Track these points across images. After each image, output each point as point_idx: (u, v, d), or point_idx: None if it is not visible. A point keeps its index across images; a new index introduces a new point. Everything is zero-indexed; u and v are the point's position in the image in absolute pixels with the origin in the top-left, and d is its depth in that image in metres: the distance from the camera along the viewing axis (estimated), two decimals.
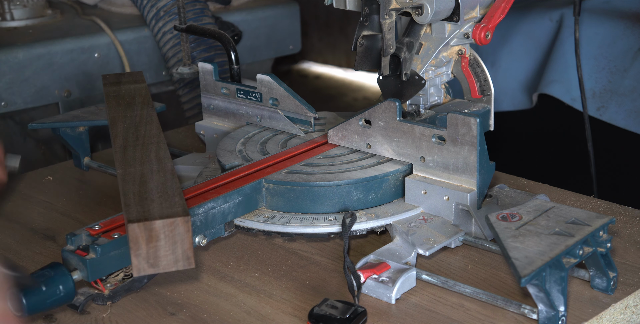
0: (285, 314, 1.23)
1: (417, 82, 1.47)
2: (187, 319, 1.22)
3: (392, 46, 1.44)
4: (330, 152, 1.49)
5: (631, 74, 2.23)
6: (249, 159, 1.49)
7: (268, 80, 1.60)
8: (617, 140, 2.30)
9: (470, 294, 1.24)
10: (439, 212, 1.37)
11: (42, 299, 1.13)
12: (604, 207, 1.49)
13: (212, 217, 1.32)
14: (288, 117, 1.60)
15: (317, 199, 1.38)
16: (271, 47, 2.98)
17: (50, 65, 2.48)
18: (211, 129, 1.70)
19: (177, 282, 1.32)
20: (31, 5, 2.74)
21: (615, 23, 2.27)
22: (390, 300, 1.24)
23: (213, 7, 2.83)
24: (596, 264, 1.22)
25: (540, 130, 2.51)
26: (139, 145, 1.43)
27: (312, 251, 1.40)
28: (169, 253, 1.16)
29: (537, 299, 1.15)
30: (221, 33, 1.80)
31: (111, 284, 1.25)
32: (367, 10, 1.45)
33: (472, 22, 1.47)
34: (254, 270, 1.35)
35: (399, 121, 1.40)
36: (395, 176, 1.41)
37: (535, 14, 2.44)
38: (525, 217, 1.23)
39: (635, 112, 2.23)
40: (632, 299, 1.24)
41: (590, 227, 1.19)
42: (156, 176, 1.30)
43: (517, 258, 1.12)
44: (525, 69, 2.48)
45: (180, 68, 2.00)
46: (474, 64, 1.52)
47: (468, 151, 1.33)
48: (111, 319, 1.23)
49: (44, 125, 1.70)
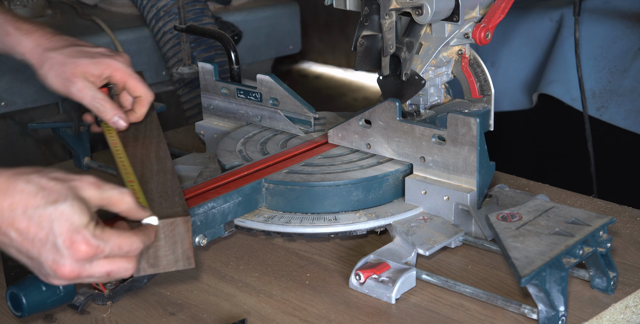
0: (285, 314, 1.23)
1: (417, 82, 1.47)
2: (187, 319, 1.22)
3: (392, 46, 1.44)
4: (330, 152, 1.49)
5: (631, 74, 2.23)
6: (249, 159, 1.49)
7: (268, 80, 1.60)
8: (617, 140, 2.30)
9: (470, 294, 1.24)
10: (439, 212, 1.37)
11: (42, 299, 1.13)
12: (604, 207, 1.49)
13: (212, 217, 1.32)
14: (288, 117, 1.60)
15: (317, 199, 1.38)
16: (271, 47, 2.98)
17: None
18: (211, 129, 1.70)
19: (177, 282, 1.32)
20: (31, 5, 2.74)
21: (615, 23, 2.27)
22: (390, 300, 1.24)
23: (213, 7, 2.83)
24: (596, 264, 1.22)
25: (540, 130, 2.51)
26: (139, 145, 1.43)
27: (312, 251, 1.40)
28: (169, 252, 1.16)
29: (537, 299, 1.15)
30: (221, 33, 1.80)
31: (111, 284, 1.25)
32: (367, 10, 1.45)
33: (472, 22, 1.47)
34: (254, 270, 1.35)
35: (399, 121, 1.40)
36: (395, 176, 1.41)
37: (535, 14, 2.44)
38: (525, 217, 1.23)
39: (635, 112, 2.23)
40: (632, 299, 1.24)
41: (590, 227, 1.19)
42: (156, 176, 1.30)
43: (517, 258, 1.12)
44: (525, 69, 2.48)
45: (180, 68, 2.00)
46: (474, 64, 1.52)
47: (468, 151, 1.33)
48: (111, 319, 1.23)
49: (44, 125, 1.70)
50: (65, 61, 1.41)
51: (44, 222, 1.00)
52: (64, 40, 1.45)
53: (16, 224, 1.00)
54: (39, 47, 1.43)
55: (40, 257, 1.01)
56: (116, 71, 1.43)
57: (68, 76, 1.41)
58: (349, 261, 1.36)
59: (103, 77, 1.44)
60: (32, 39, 1.44)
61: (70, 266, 1.01)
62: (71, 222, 1.01)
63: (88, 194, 1.05)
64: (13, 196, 1.00)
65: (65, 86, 1.42)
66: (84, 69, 1.41)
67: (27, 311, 1.12)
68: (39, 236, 1.00)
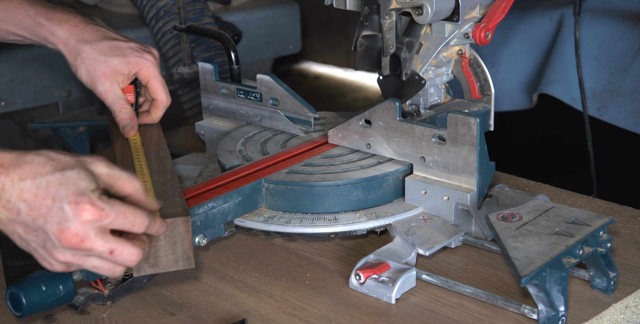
0: (285, 314, 1.23)
1: (417, 82, 1.47)
2: (187, 319, 1.22)
3: (392, 46, 1.44)
4: (330, 152, 1.49)
5: (631, 74, 2.23)
6: (249, 159, 1.49)
7: (268, 80, 1.60)
8: (617, 140, 2.30)
9: (470, 294, 1.24)
10: (439, 212, 1.37)
11: (42, 299, 1.13)
12: (604, 207, 1.49)
13: (212, 217, 1.32)
14: (288, 117, 1.60)
15: (317, 199, 1.38)
16: (271, 47, 2.98)
17: (50, 65, 2.48)
18: (211, 129, 1.70)
19: (177, 282, 1.32)
20: None
21: (615, 23, 2.27)
22: (390, 300, 1.24)
23: (213, 7, 2.83)
24: (596, 264, 1.22)
25: (540, 130, 2.51)
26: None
27: (312, 251, 1.40)
28: (169, 252, 1.16)
29: (537, 299, 1.15)
30: (221, 33, 1.80)
31: (111, 284, 1.25)
32: (367, 10, 1.45)
33: (472, 22, 1.47)
34: (254, 270, 1.35)
35: (399, 120, 1.40)
36: (395, 176, 1.41)
37: (535, 14, 2.44)
38: (525, 217, 1.23)
39: (635, 112, 2.23)
40: (632, 299, 1.24)
41: (590, 227, 1.19)
42: (156, 176, 1.30)
43: (517, 258, 1.12)
44: (525, 69, 2.48)
45: (180, 68, 2.00)
46: (474, 64, 1.52)
47: (468, 151, 1.33)
48: (111, 319, 1.23)
49: (44, 125, 1.70)
50: (97, 58, 1.46)
51: (51, 188, 1.01)
52: (96, 31, 1.49)
53: (24, 195, 1.01)
54: (71, 37, 1.47)
55: (46, 225, 1.01)
56: (143, 69, 1.49)
57: (97, 75, 1.46)
58: (349, 261, 1.36)
59: (130, 75, 1.49)
60: (64, 29, 1.47)
61: (75, 229, 1.01)
62: (78, 186, 1.02)
63: (97, 170, 1.06)
64: (23, 166, 1.02)
65: (92, 83, 1.47)
66: (113, 69, 1.47)
67: (27, 311, 1.12)
68: (46, 203, 1.01)
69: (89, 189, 1.02)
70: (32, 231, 1.03)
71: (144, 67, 1.48)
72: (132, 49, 1.48)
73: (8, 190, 1.01)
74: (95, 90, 1.48)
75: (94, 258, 1.05)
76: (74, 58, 1.47)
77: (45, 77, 2.48)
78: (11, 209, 1.01)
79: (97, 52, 1.46)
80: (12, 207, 1.01)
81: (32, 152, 1.04)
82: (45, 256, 1.05)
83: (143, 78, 1.49)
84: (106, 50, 1.46)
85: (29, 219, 1.02)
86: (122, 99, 1.48)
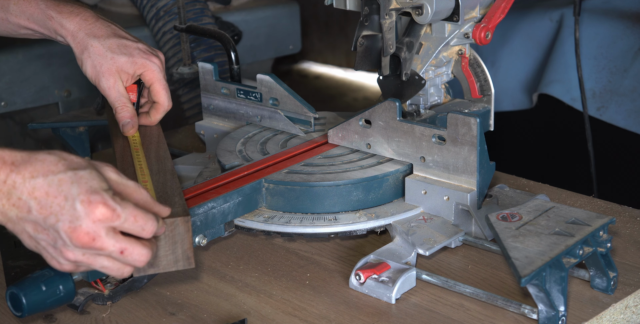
0: (285, 314, 1.23)
1: (417, 82, 1.47)
2: (187, 319, 1.22)
3: (392, 46, 1.44)
4: (330, 152, 1.49)
5: (631, 74, 2.23)
6: (249, 159, 1.49)
7: (268, 80, 1.60)
8: (617, 140, 2.30)
9: (470, 294, 1.24)
10: (439, 212, 1.37)
11: (42, 299, 1.13)
12: (604, 207, 1.49)
13: (212, 217, 1.32)
14: (288, 117, 1.60)
15: (317, 199, 1.38)
16: (271, 47, 2.98)
17: (50, 65, 2.48)
18: (211, 129, 1.70)
19: (177, 282, 1.32)
20: None
21: (615, 23, 2.27)
22: (390, 300, 1.24)
23: (213, 7, 2.83)
24: (596, 264, 1.22)
25: (540, 130, 2.51)
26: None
27: (312, 251, 1.40)
28: (169, 252, 1.16)
29: (537, 299, 1.15)
30: (221, 33, 1.80)
31: (111, 284, 1.25)
32: (367, 10, 1.45)
33: (472, 22, 1.47)
34: (254, 270, 1.35)
35: (399, 120, 1.40)
36: (395, 176, 1.41)
37: (535, 14, 2.44)
38: (525, 217, 1.23)
39: (635, 112, 2.23)
40: (632, 299, 1.24)
41: (590, 227, 1.19)
42: (156, 176, 1.30)
43: (517, 258, 1.12)
44: (525, 69, 2.48)
45: (180, 68, 2.00)
46: (474, 64, 1.52)
47: (468, 151, 1.33)
48: (111, 319, 1.23)
49: (44, 125, 1.70)
50: (104, 54, 1.46)
51: (64, 186, 1.01)
52: (106, 27, 1.49)
53: (36, 192, 1.00)
54: (80, 31, 1.47)
55: (57, 223, 1.01)
56: (148, 72, 1.49)
57: (103, 71, 1.47)
58: (349, 261, 1.36)
59: (135, 76, 1.49)
60: (74, 22, 1.47)
61: (87, 228, 1.01)
62: (90, 185, 1.02)
63: (108, 175, 1.06)
64: (34, 164, 1.02)
65: (97, 78, 1.48)
66: (119, 67, 1.47)
67: (27, 311, 1.12)
68: (58, 201, 1.00)
69: (102, 188, 1.02)
70: (43, 229, 1.02)
71: (150, 69, 1.48)
72: (140, 49, 1.49)
73: (19, 187, 1.01)
74: (99, 85, 1.48)
75: (104, 258, 1.05)
76: (81, 51, 1.47)
77: (45, 77, 2.48)
78: (22, 207, 1.01)
79: (105, 48, 1.46)
80: (23, 205, 1.01)
81: (44, 152, 1.04)
82: (55, 255, 1.04)
83: (147, 80, 1.50)
84: (114, 48, 1.46)
85: (39, 217, 1.01)
86: (125, 97, 1.48)
